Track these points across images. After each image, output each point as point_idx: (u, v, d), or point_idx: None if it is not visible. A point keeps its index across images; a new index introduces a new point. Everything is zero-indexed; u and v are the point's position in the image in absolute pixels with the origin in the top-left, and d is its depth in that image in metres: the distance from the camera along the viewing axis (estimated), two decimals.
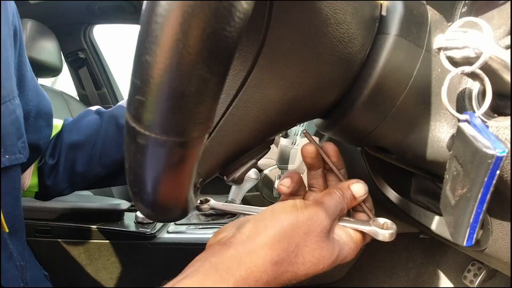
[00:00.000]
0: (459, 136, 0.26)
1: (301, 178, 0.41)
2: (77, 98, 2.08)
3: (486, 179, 0.22)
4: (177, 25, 0.17)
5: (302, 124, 0.90)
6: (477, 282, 0.77)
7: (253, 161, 0.37)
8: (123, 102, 0.71)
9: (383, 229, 0.36)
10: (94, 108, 0.70)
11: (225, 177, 0.37)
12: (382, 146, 0.36)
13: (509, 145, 0.27)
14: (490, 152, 0.22)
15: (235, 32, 0.18)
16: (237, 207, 0.45)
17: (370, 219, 0.38)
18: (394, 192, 0.50)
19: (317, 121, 0.41)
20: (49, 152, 0.65)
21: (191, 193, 0.28)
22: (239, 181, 0.37)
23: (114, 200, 1.27)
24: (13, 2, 0.51)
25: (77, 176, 0.64)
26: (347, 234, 0.37)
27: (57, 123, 0.69)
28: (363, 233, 0.38)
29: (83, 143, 0.64)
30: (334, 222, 0.36)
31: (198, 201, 0.45)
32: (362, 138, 0.36)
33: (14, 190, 0.50)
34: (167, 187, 0.24)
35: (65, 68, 2.02)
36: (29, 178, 0.63)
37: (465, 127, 0.25)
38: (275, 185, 0.41)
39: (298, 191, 0.42)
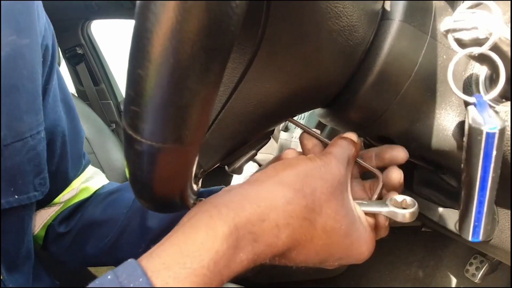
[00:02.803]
0: (466, 120, 0.25)
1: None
2: (76, 94, 2.07)
3: (481, 159, 0.22)
4: (166, 40, 0.17)
5: (302, 117, 0.90)
6: (479, 275, 0.77)
7: (253, 151, 0.37)
8: None
9: (403, 208, 0.33)
10: None
11: (226, 167, 0.36)
12: (386, 135, 0.36)
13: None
14: (480, 127, 0.21)
15: (227, 45, 0.18)
16: None
17: (385, 199, 0.34)
18: None
19: (319, 110, 0.40)
20: (63, 216, 0.56)
21: (189, 188, 0.28)
22: (240, 170, 0.36)
23: None
24: (43, 19, 0.45)
25: (84, 256, 0.55)
26: (363, 217, 0.33)
27: (92, 186, 0.59)
28: (377, 222, 0.34)
29: (103, 223, 0.54)
30: (348, 175, 0.33)
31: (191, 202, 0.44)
32: (365, 127, 0.35)
33: (21, 228, 0.46)
34: (164, 187, 0.25)
35: (63, 64, 2.01)
36: (39, 227, 0.56)
37: (471, 110, 0.24)
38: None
39: None
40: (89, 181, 0.60)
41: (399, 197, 0.34)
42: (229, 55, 0.19)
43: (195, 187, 0.31)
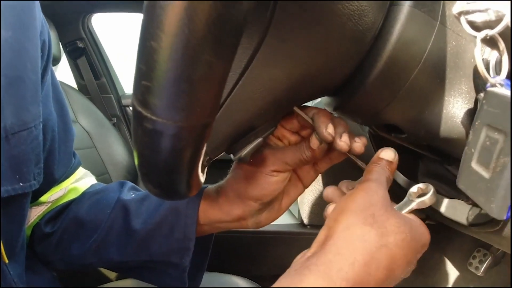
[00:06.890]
0: (491, 102, 0.24)
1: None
2: (76, 88, 2.07)
3: None
4: (182, 9, 0.16)
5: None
6: (482, 268, 0.77)
7: (260, 139, 0.36)
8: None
9: (423, 196, 0.35)
10: (122, 183, 0.57)
11: (232, 155, 0.36)
12: (393, 124, 0.35)
13: None
14: None
15: (242, 16, 0.17)
16: None
17: (408, 197, 0.36)
18: (402, 176, 0.49)
19: (325, 99, 0.40)
20: (50, 216, 0.55)
21: (198, 174, 0.28)
22: (246, 158, 0.36)
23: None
24: (40, 16, 0.46)
25: (70, 256, 0.54)
26: (409, 215, 0.35)
27: (81, 186, 0.59)
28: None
29: (86, 224, 0.53)
30: (387, 192, 0.35)
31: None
32: (373, 116, 0.35)
33: (22, 217, 0.47)
34: (173, 170, 0.24)
35: (64, 58, 2.01)
36: (30, 221, 0.56)
37: (499, 90, 0.23)
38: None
39: None
40: (79, 181, 0.60)
41: (414, 188, 0.35)
42: (242, 29, 0.18)
43: (201, 175, 0.31)
